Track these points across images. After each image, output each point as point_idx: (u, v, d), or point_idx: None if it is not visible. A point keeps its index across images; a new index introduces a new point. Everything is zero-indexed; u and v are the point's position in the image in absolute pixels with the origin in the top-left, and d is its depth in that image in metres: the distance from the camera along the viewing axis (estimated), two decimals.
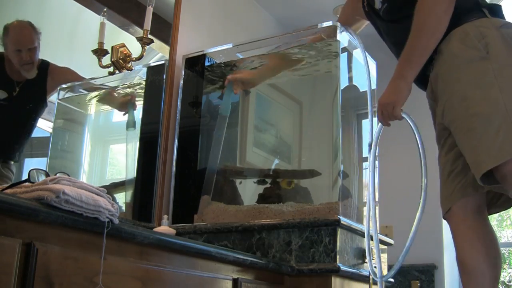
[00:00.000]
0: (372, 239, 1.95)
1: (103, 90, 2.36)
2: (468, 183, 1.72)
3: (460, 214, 1.74)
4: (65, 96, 2.20)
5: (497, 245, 1.75)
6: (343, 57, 2.30)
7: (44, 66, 2.03)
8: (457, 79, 1.70)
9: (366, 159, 2.23)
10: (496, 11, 1.78)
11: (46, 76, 2.04)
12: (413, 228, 1.83)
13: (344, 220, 1.94)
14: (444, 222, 1.87)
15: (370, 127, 2.07)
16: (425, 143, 1.89)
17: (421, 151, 1.88)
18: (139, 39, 2.25)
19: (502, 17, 1.80)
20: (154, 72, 2.49)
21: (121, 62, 2.26)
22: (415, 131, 1.89)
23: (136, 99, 2.42)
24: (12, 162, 1.94)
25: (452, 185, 1.76)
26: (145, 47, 2.27)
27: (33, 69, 1.98)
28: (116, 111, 2.45)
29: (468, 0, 1.77)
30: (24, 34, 1.97)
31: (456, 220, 1.75)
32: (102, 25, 2.21)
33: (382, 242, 2.25)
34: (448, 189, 1.77)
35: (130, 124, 2.37)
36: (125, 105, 2.38)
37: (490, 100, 1.61)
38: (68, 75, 2.14)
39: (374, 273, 1.93)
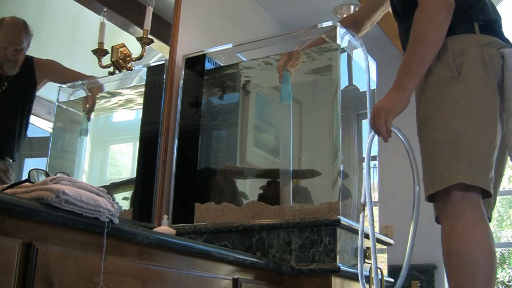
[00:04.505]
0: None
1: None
2: None
3: (459, 206, 1.71)
4: (66, 99, 2.20)
5: (493, 242, 1.73)
6: (343, 57, 2.30)
7: (29, 61, 2.00)
8: (426, 95, 1.71)
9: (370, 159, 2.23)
10: (488, 27, 1.73)
11: (34, 70, 2.01)
12: (409, 239, 1.77)
13: (344, 220, 1.94)
14: None
15: (369, 132, 2.06)
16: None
17: (412, 164, 1.80)
18: (139, 39, 2.25)
19: (495, 34, 1.74)
20: (154, 72, 2.49)
21: (121, 62, 2.26)
22: (405, 145, 1.81)
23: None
24: (12, 160, 1.93)
25: None
26: (145, 47, 2.27)
27: (16, 68, 1.94)
28: (116, 111, 2.45)
29: (461, 12, 1.71)
30: (15, 34, 1.94)
31: (454, 211, 1.67)
32: (102, 25, 2.21)
33: (382, 242, 2.25)
34: None
35: None
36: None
37: (445, 125, 1.62)
38: (50, 66, 2.11)
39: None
